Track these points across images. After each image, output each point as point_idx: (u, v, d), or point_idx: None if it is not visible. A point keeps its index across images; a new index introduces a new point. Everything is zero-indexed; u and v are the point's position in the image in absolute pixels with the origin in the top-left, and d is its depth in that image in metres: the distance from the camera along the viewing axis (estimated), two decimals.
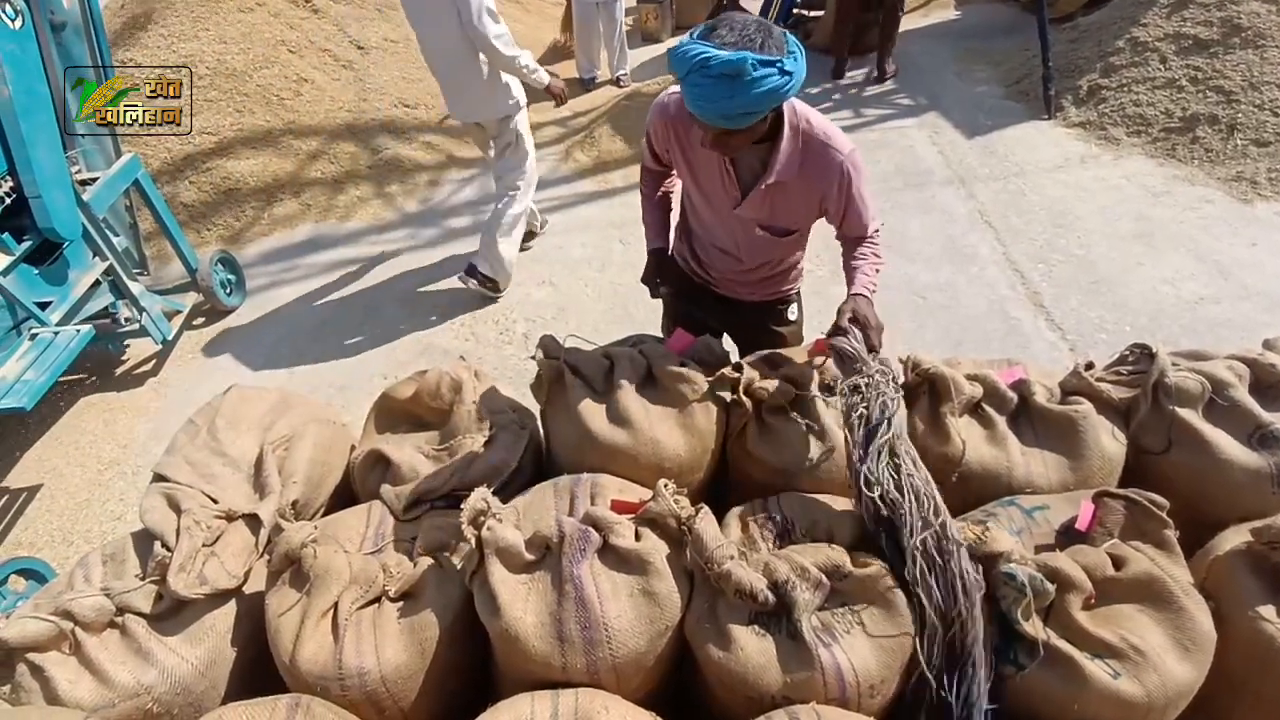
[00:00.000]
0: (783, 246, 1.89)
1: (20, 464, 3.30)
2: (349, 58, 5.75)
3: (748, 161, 1.69)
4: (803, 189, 1.69)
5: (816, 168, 1.65)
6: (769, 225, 1.79)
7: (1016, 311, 3.40)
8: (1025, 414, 1.70)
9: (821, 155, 1.64)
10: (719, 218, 1.85)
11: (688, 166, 1.78)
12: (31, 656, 1.46)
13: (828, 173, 1.65)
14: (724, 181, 1.72)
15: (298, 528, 1.55)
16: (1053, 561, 1.32)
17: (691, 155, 1.74)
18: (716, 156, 1.66)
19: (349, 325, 3.87)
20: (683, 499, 1.42)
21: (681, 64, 1.40)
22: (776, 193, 1.70)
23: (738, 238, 1.87)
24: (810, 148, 1.64)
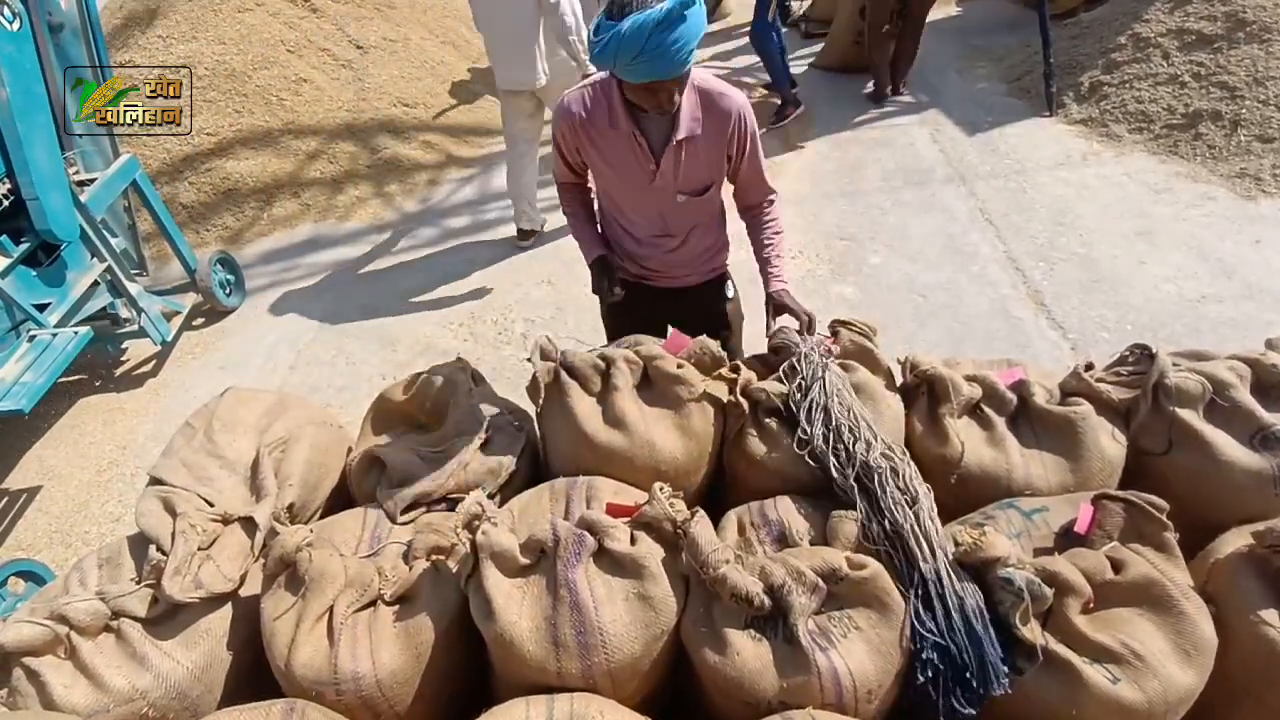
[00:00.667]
0: (703, 209, 2.00)
1: (20, 465, 3.30)
2: (348, 57, 5.75)
3: (654, 129, 1.80)
4: (708, 141, 1.82)
5: (716, 116, 1.79)
6: (686, 188, 1.89)
7: (1018, 310, 3.38)
8: (1025, 415, 1.68)
9: (719, 102, 1.79)
10: (641, 199, 1.95)
11: (600, 155, 1.87)
12: (27, 661, 1.46)
13: (727, 118, 1.79)
14: (638, 155, 1.83)
15: (293, 531, 1.54)
16: (1051, 565, 1.30)
17: (602, 143, 1.85)
18: (626, 136, 1.79)
19: (348, 326, 3.87)
20: (678, 502, 1.42)
21: (634, 40, 1.50)
22: (687, 150, 1.81)
23: (663, 212, 1.96)
24: (708, 99, 1.79)
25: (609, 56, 1.56)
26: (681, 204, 1.92)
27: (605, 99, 1.79)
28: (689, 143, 1.80)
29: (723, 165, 1.89)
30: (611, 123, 1.79)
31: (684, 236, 2.03)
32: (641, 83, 1.62)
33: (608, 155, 1.86)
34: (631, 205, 1.99)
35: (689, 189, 1.90)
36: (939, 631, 1.26)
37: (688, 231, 2.03)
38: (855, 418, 1.55)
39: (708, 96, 1.78)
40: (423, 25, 6.45)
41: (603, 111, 1.79)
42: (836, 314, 3.42)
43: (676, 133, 1.77)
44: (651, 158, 1.83)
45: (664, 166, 1.83)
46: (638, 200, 1.96)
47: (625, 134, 1.79)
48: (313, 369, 3.65)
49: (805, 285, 3.74)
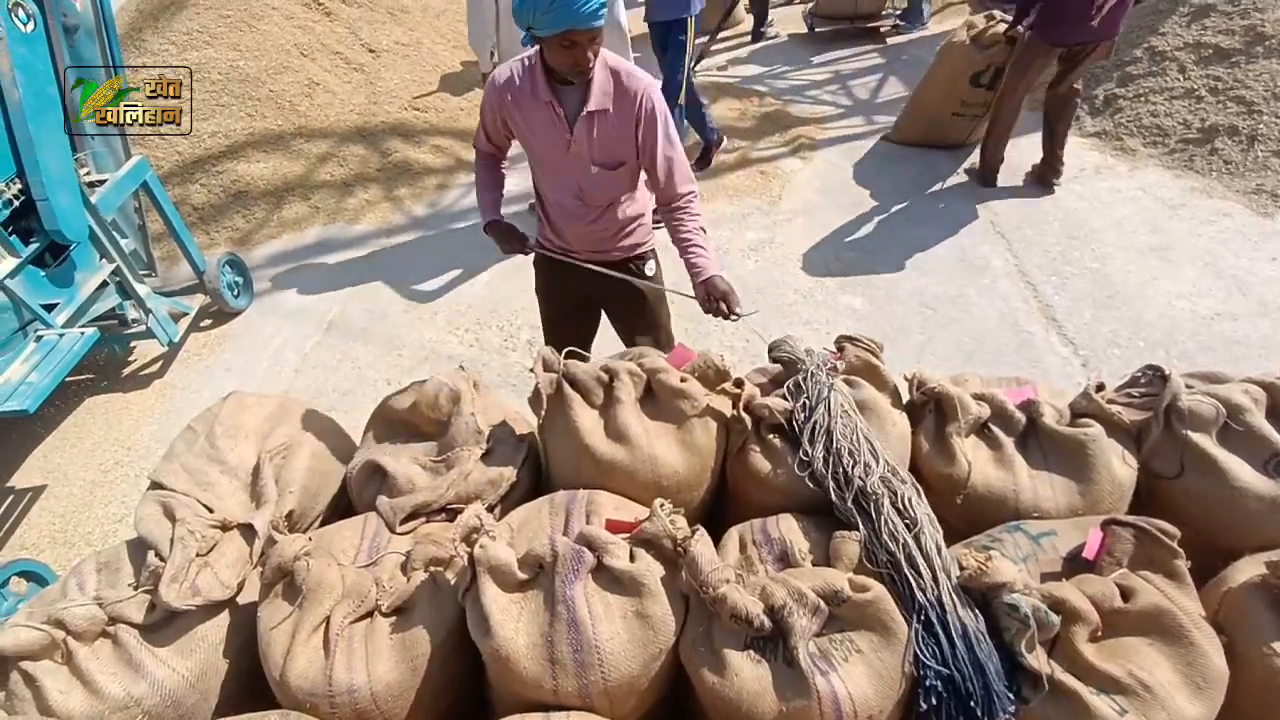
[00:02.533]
0: (618, 183, 2.10)
1: (25, 464, 3.31)
2: (360, 61, 5.77)
3: (570, 101, 1.95)
4: (618, 118, 1.96)
5: (625, 95, 1.94)
6: (600, 160, 2.02)
7: (1028, 325, 3.35)
8: (1034, 435, 1.66)
9: (626, 82, 1.93)
10: (560, 167, 2.08)
11: (525, 123, 2.02)
12: (25, 665, 1.46)
13: (634, 96, 1.93)
14: (555, 124, 1.97)
15: (291, 540, 1.53)
16: (1058, 591, 1.28)
17: (525, 112, 2.00)
18: (546, 105, 1.95)
19: (354, 329, 3.87)
20: (679, 519, 1.40)
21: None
22: (599, 123, 1.95)
23: (580, 181, 2.08)
24: (618, 78, 1.93)
25: (527, 7, 1.71)
26: (596, 175, 2.05)
27: (530, 72, 1.95)
28: (601, 116, 1.94)
29: (633, 142, 2.00)
30: (534, 93, 1.95)
31: (602, 209, 2.14)
32: (557, 38, 1.75)
33: (530, 124, 2.01)
34: (552, 174, 2.12)
35: (602, 161, 2.02)
36: (941, 658, 1.24)
37: (605, 205, 2.14)
38: (858, 439, 1.53)
39: (618, 75, 1.93)
40: (435, 30, 6.48)
41: (527, 83, 1.96)
42: (844, 325, 3.44)
43: (588, 104, 1.92)
44: (567, 127, 1.97)
45: (577, 135, 1.96)
46: (557, 168, 2.09)
47: (544, 103, 1.95)
48: (318, 372, 3.65)
49: (814, 296, 3.72)
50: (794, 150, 5.11)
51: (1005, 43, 4.09)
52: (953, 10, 7.29)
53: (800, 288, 3.79)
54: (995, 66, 4.23)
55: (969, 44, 4.29)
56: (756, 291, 3.79)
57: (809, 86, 6.17)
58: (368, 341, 3.80)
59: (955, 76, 4.42)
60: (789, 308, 3.65)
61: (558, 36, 1.75)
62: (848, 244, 4.10)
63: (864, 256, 3.98)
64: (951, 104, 4.58)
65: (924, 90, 4.80)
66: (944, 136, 4.82)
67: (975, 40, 4.26)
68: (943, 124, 4.74)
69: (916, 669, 1.25)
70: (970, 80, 4.36)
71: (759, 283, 3.86)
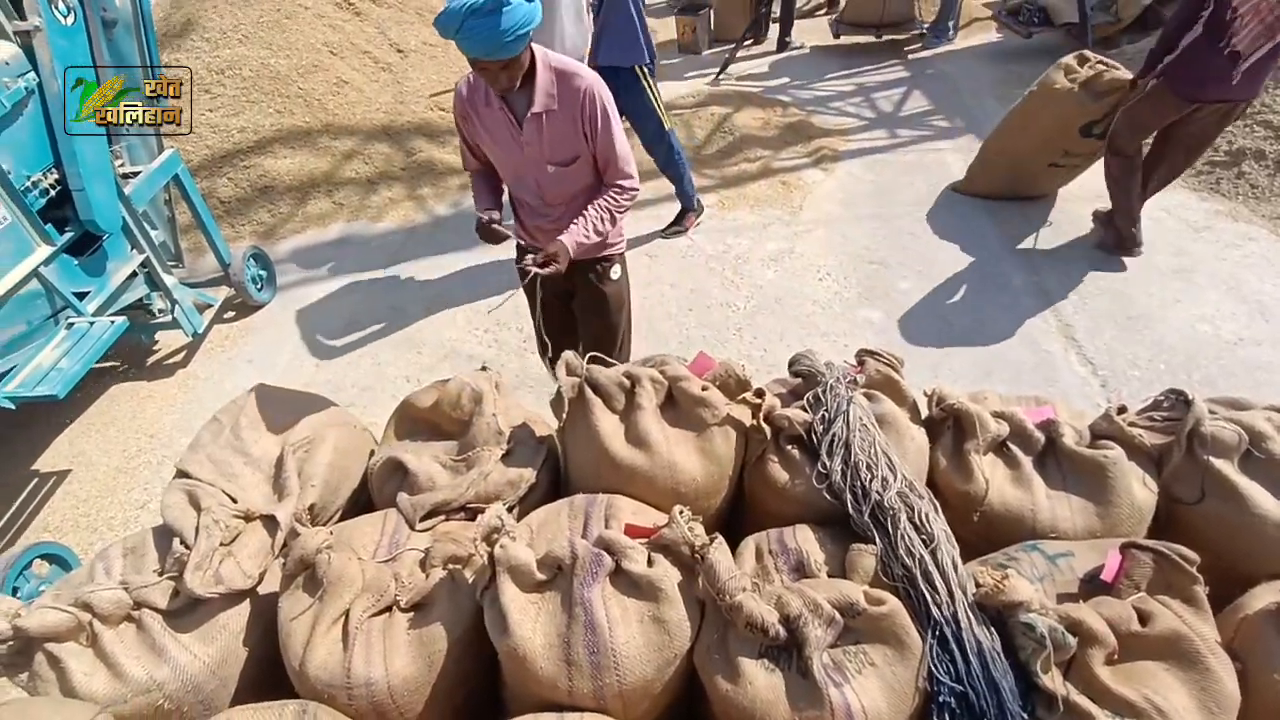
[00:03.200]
0: (576, 179, 2.18)
1: (51, 448, 3.37)
2: (388, 60, 5.84)
3: (518, 104, 2.04)
4: (564, 116, 2.03)
5: (568, 93, 2.01)
6: (554, 159, 2.11)
7: (1047, 343, 3.33)
8: (1053, 456, 1.66)
9: (570, 81, 2.01)
10: (519, 168, 2.17)
11: (485, 130, 2.12)
12: (50, 647, 1.49)
13: (578, 95, 2.01)
14: (508, 126, 2.06)
15: (313, 533, 1.56)
16: (1075, 613, 1.28)
17: (486, 118, 2.09)
18: (497, 110, 2.04)
19: (375, 326, 3.91)
20: (697, 526, 1.41)
21: (452, 19, 1.72)
22: (547, 123, 2.03)
23: (538, 180, 2.17)
24: (562, 79, 2.01)
25: (439, 27, 1.79)
26: (553, 174, 2.14)
27: (481, 81, 2.03)
28: (548, 116, 2.03)
29: (581, 139, 2.08)
30: (486, 99, 2.05)
31: (563, 207, 2.23)
32: (470, 60, 1.85)
33: (489, 129, 2.11)
34: (514, 176, 2.23)
35: (556, 159, 2.11)
36: (956, 675, 1.24)
37: (566, 200, 2.22)
38: (876, 454, 1.54)
39: (562, 76, 2.01)
40: None
41: (480, 90, 2.06)
42: (862, 337, 3.45)
43: (533, 106, 2.01)
44: (518, 129, 2.06)
45: (528, 136, 2.05)
46: (517, 170, 2.18)
47: (496, 108, 2.05)
48: (338, 367, 3.69)
49: (833, 308, 3.72)
50: (816, 161, 5.11)
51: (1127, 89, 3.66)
52: (979, 26, 7.28)
53: (819, 299, 3.79)
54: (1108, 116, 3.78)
55: (1079, 90, 3.81)
56: (775, 302, 3.80)
57: (833, 98, 6.18)
58: (388, 338, 3.84)
59: (1061, 125, 3.90)
60: (807, 319, 3.66)
61: (470, 60, 1.85)
62: (867, 257, 4.10)
63: (883, 270, 3.97)
64: (1051, 154, 4.07)
65: (1011, 137, 4.22)
66: (1032, 187, 4.34)
67: (1087, 87, 3.80)
68: (1035, 174, 4.23)
69: (930, 684, 1.25)
70: (1081, 130, 3.86)
71: (777, 293, 3.86)
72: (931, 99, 5.93)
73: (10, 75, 2.68)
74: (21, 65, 2.73)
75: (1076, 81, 3.85)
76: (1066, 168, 4.16)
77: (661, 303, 3.89)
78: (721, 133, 5.40)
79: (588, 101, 2.02)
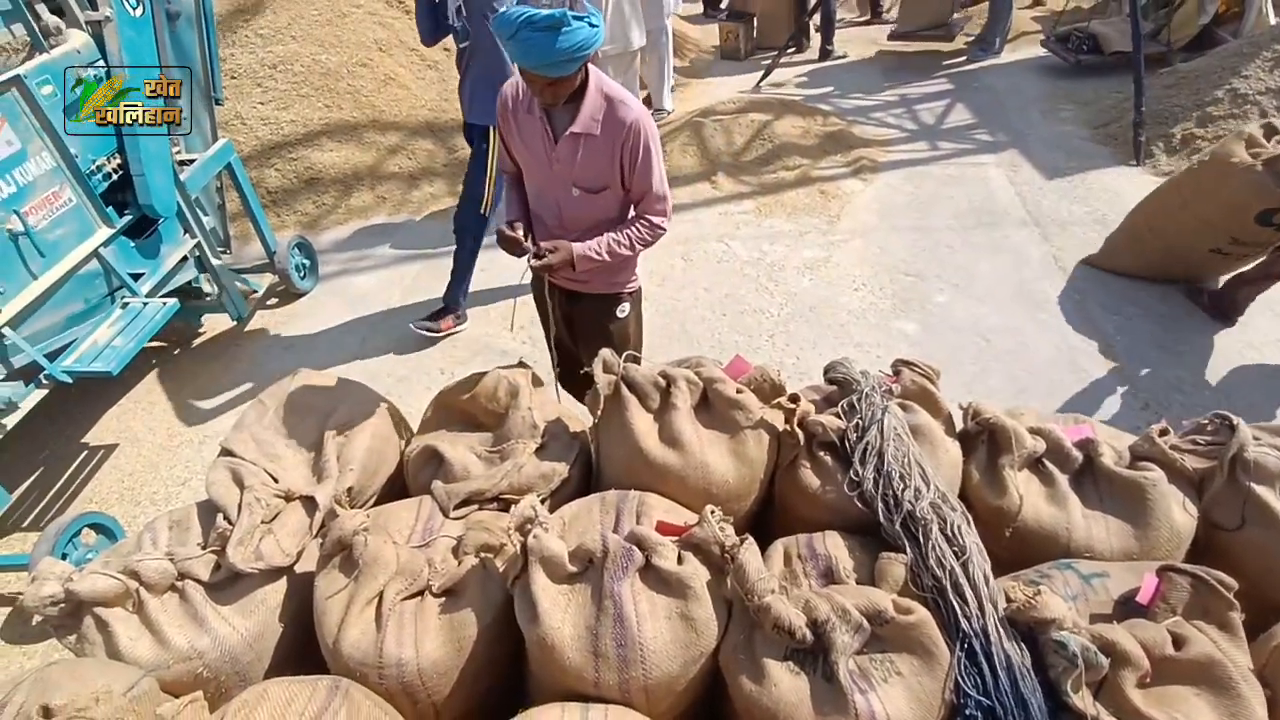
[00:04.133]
0: (599, 209, 2.12)
1: (100, 423, 3.49)
2: (435, 58, 5.94)
3: (561, 119, 1.99)
4: (604, 143, 1.98)
5: (614, 122, 1.96)
6: (581, 183, 2.05)
7: (1087, 363, 3.27)
8: (1090, 475, 1.64)
9: (618, 110, 1.95)
10: (543, 183, 2.11)
11: (520, 136, 2.06)
12: (99, 611, 1.55)
13: (622, 126, 1.95)
14: (543, 139, 2.01)
15: (351, 515, 1.60)
16: (1109, 634, 1.26)
17: (524, 125, 2.04)
18: (538, 120, 1.99)
19: (412, 319, 3.97)
20: (728, 526, 1.42)
21: (508, 25, 1.71)
22: (584, 146, 1.98)
23: (559, 201, 2.11)
24: (610, 105, 1.96)
25: (497, 26, 1.77)
26: (576, 198, 2.08)
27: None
28: (587, 139, 1.97)
29: (616, 170, 2.02)
30: (529, 107, 2.00)
31: (579, 235, 2.12)
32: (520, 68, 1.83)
33: (524, 136, 2.05)
34: (537, 191, 2.16)
35: (584, 184, 2.05)
36: (983, 688, 1.24)
37: (584, 231, 2.13)
38: (909, 464, 1.54)
39: (611, 103, 1.96)
40: None
41: (525, 97, 2.01)
42: (896, 349, 3.42)
43: (574, 126, 1.96)
44: (553, 144, 2.00)
45: (561, 154, 2.00)
46: (541, 184, 2.13)
47: (536, 117, 2.00)
48: (375, 357, 3.77)
49: (867, 318, 3.70)
50: (855, 171, 5.09)
51: None
52: (1027, 40, 7.18)
53: (853, 309, 3.77)
54: None
55: (1261, 169, 3.16)
56: (809, 310, 3.79)
57: (874, 108, 6.15)
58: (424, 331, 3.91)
59: (1234, 207, 3.26)
60: (841, 328, 3.64)
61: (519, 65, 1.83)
62: (904, 268, 4.07)
63: (920, 282, 3.94)
64: (1216, 238, 3.40)
65: (1167, 212, 3.60)
66: (1186, 272, 3.69)
67: (1272, 166, 3.15)
68: (1191, 259, 3.59)
69: (957, 697, 1.25)
70: (1258, 217, 3.20)
71: (812, 301, 3.85)
72: (975, 112, 5.86)
73: (81, 63, 2.79)
74: (92, 54, 2.85)
75: (1260, 158, 3.19)
76: (1232, 256, 3.45)
77: (695, 306, 3.90)
78: (761, 139, 5.40)
79: (632, 134, 1.95)
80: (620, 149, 1.98)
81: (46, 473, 3.24)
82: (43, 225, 2.70)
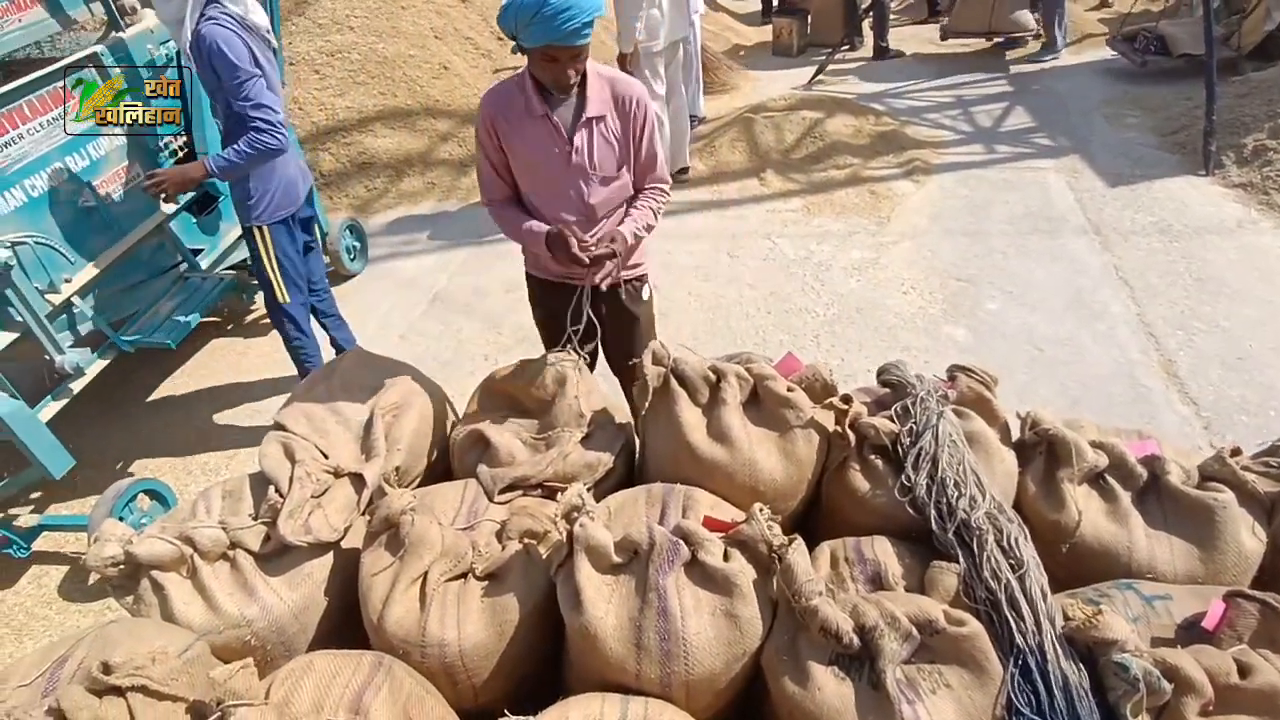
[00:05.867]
0: (618, 194, 2.10)
1: (156, 393, 3.61)
2: (489, 47, 5.99)
3: (567, 111, 1.95)
4: (616, 124, 1.98)
5: (620, 100, 1.96)
6: (600, 168, 2.01)
7: (1146, 378, 3.16)
8: (1155, 494, 1.58)
9: (621, 88, 1.96)
10: (560, 183, 2.02)
11: (521, 142, 1.97)
12: (155, 574, 1.59)
13: (630, 102, 1.96)
14: (553, 137, 1.95)
15: (399, 494, 1.62)
16: (1172, 659, 1.21)
17: (521, 132, 1.96)
18: (541, 119, 1.93)
19: (458, 304, 4.03)
20: (776, 525, 1.40)
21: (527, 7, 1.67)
22: (597, 129, 1.96)
23: (583, 195, 2.04)
24: (614, 85, 1.96)
25: (510, 17, 1.72)
26: (598, 184, 2.04)
27: (520, 91, 1.94)
28: (599, 123, 1.95)
29: (629, 148, 2.03)
30: (528, 110, 1.93)
31: (604, 224, 2.11)
32: (539, 51, 1.77)
33: (528, 142, 1.97)
34: (553, 192, 2.05)
35: (602, 168, 2.02)
36: (1037, 707, 1.20)
37: (605, 216, 2.11)
38: (964, 472, 1.50)
39: (613, 83, 1.96)
40: None
41: (519, 103, 1.94)
42: (946, 355, 3.35)
43: (587, 110, 1.93)
44: (566, 139, 1.96)
45: (578, 144, 1.95)
46: (558, 184, 2.03)
47: (540, 117, 1.93)
48: (421, 341, 3.82)
49: (915, 323, 3.63)
50: (908, 172, 4.99)
51: None
52: (1091, 42, 6.95)
53: (902, 312, 3.70)
54: None
55: None
56: (856, 311, 3.73)
57: (929, 109, 6.02)
58: (470, 316, 3.95)
59: None
60: (888, 331, 3.58)
61: (540, 49, 1.77)
62: (955, 273, 3.98)
63: (971, 287, 3.85)
64: None
65: None
66: None
67: None
68: None
69: (1009, 714, 1.21)
70: None
71: (859, 303, 3.79)
72: (1034, 115, 5.70)
73: (154, 43, 2.88)
74: (163, 34, 2.93)
75: None
76: None
77: (740, 302, 3.87)
78: (811, 137, 5.33)
79: (639, 107, 1.97)
80: (631, 123, 1.99)
81: (102, 439, 3.36)
82: (113, 199, 2.79)
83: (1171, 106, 5.44)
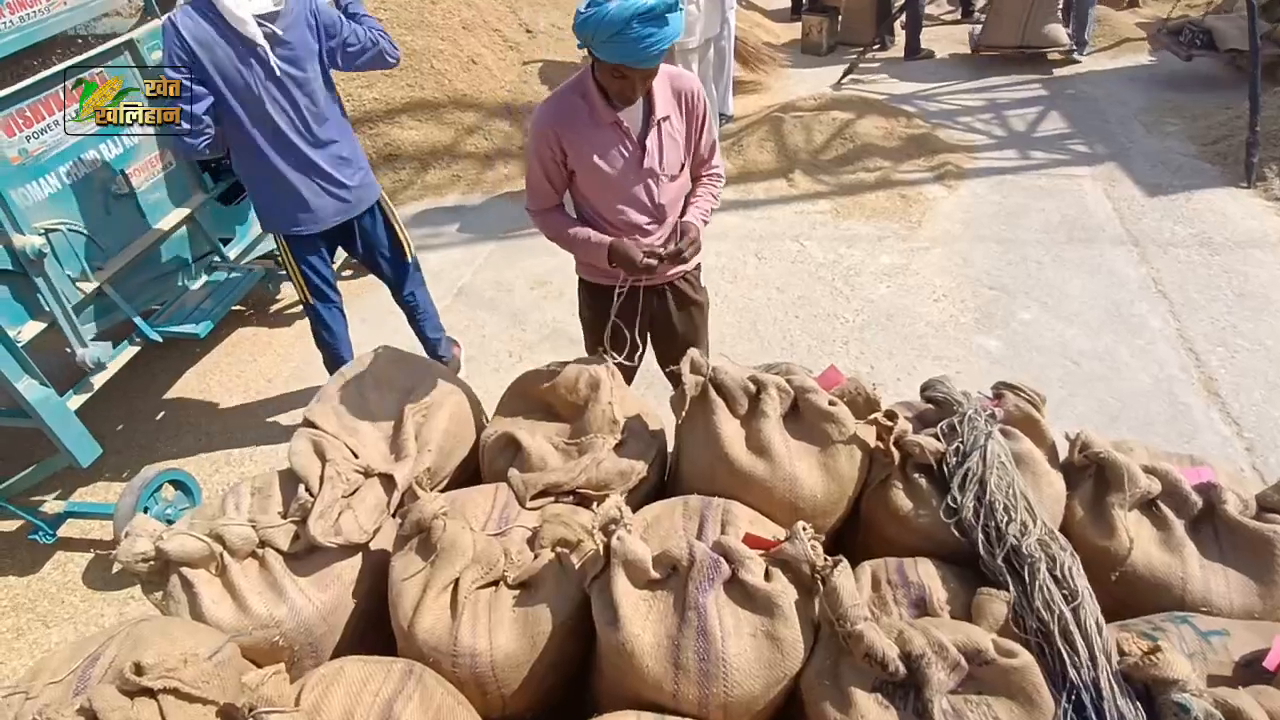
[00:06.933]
0: (679, 183, 2.09)
1: (181, 382, 3.62)
2: (517, 40, 5.96)
3: (634, 116, 1.92)
4: (680, 119, 1.97)
5: (681, 95, 1.96)
6: (669, 167, 2.00)
7: (1186, 396, 3.08)
8: (1210, 523, 1.52)
9: (678, 83, 1.95)
10: (631, 187, 2.00)
11: (590, 151, 1.92)
12: (185, 571, 1.58)
13: (689, 95, 1.96)
14: (626, 142, 1.93)
15: (431, 498, 1.60)
16: (1233, 699, 1.16)
17: (587, 141, 1.92)
18: (610, 126, 1.90)
19: (482, 299, 4.00)
20: (819, 545, 1.37)
21: (612, 24, 1.61)
22: (665, 129, 1.95)
23: (654, 196, 2.03)
24: (674, 80, 1.95)
25: (589, 28, 1.66)
26: (667, 184, 2.03)
27: (582, 99, 1.89)
28: (665, 123, 1.95)
29: (690, 143, 2.03)
30: (593, 119, 1.89)
31: (669, 222, 2.10)
32: (611, 66, 1.73)
33: (596, 150, 1.92)
34: (622, 196, 2.01)
35: (671, 169, 2.02)
36: None
37: (673, 214, 2.11)
38: (1014, 495, 1.45)
39: (673, 79, 1.95)
40: None
41: (582, 112, 1.90)
42: (976, 366, 3.29)
43: (656, 112, 1.91)
44: (637, 142, 1.94)
45: (649, 147, 1.94)
46: (628, 187, 2.00)
47: (608, 125, 1.90)
48: None
49: (946, 331, 3.56)
50: (939, 177, 4.90)
51: None
52: (1130, 46, 6.81)
53: (932, 320, 3.63)
54: None
55: None
56: (885, 318, 3.67)
57: (961, 112, 5.92)
58: (494, 312, 3.93)
59: None
60: (919, 340, 3.51)
61: (612, 66, 1.73)
62: (988, 281, 3.90)
63: (1004, 297, 3.77)
64: None
65: None
66: None
67: None
68: None
69: None
70: None
71: (889, 309, 3.73)
72: (1071, 121, 5.59)
73: None
74: None
75: None
76: None
77: (768, 306, 3.82)
78: (841, 139, 5.26)
79: (697, 102, 1.98)
80: (693, 118, 2.00)
81: (129, 428, 3.37)
82: (145, 187, 2.78)
83: (1212, 115, 5.31)
